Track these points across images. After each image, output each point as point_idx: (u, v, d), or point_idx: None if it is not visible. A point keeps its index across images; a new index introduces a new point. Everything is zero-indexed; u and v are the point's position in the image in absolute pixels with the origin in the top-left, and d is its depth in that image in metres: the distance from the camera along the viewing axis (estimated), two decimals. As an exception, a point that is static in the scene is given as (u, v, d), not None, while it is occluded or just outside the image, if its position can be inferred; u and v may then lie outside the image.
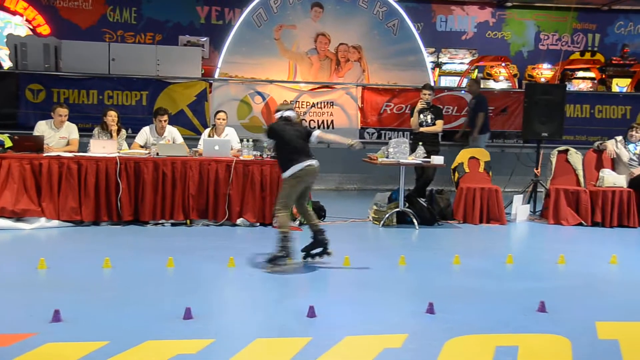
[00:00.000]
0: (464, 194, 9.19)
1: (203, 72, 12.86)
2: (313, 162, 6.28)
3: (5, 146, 8.18)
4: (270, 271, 6.09)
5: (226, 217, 8.35)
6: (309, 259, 6.50)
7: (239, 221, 8.37)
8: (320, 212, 8.90)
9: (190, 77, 12.23)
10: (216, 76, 12.93)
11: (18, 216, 7.82)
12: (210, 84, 12.36)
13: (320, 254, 6.50)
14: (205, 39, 14.06)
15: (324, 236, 6.45)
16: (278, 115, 6.52)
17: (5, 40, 12.98)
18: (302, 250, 6.53)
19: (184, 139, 9.39)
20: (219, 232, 8.04)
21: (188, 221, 8.29)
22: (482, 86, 15.31)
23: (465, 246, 7.86)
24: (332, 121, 12.64)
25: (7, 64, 12.61)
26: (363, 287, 5.73)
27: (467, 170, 9.60)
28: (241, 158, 8.53)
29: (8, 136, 8.25)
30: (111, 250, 6.62)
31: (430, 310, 4.93)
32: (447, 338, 4.40)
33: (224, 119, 9.27)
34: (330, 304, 5.14)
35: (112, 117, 8.87)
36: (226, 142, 8.82)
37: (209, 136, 9.15)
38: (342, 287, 5.78)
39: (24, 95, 11.56)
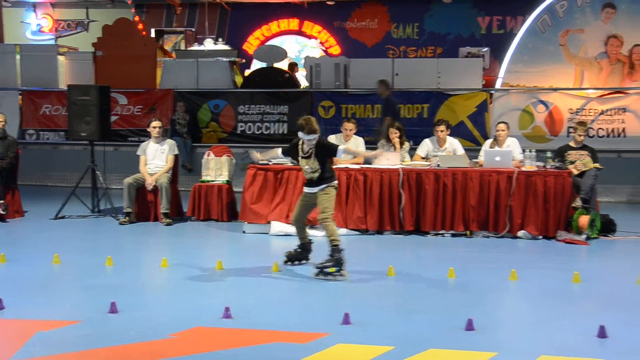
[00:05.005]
0: None
1: (484, 82, 12.78)
2: None
3: None
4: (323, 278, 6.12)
5: (507, 229, 8.18)
6: (289, 264, 6.73)
7: (520, 233, 8.14)
8: (610, 226, 8.30)
9: (470, 89, 12.23)
10: (498, 86, 12.76)
11: (311, 224, 8.48)
12: (491, 95, 12.23)
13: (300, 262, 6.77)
14: (485, 49, 13.93)
15: (311, 249, 6.83)
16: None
17: (302, 61, 14.25)
18: (287, 256, 6.78)
19: (465, 150, 9.42)
20: (499, 244, 7.90)
21: (468, 232, 8.29)
22: None
23: None
24: (623, 129, 11.71)
25: (304, 84, 13.81)
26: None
27: None
28: (523, 169, 8.31)
29: None
30: (395, 259, 6.85)
31: None
32: None
33: (504, 130, 9.11)
34: (624, 325, 4.79)
35: (393, 133, 9.21)
36: (508, 152, 8.66)
37: (491, 147, 9.07)
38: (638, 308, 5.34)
39: (317, 111, 12.52)
